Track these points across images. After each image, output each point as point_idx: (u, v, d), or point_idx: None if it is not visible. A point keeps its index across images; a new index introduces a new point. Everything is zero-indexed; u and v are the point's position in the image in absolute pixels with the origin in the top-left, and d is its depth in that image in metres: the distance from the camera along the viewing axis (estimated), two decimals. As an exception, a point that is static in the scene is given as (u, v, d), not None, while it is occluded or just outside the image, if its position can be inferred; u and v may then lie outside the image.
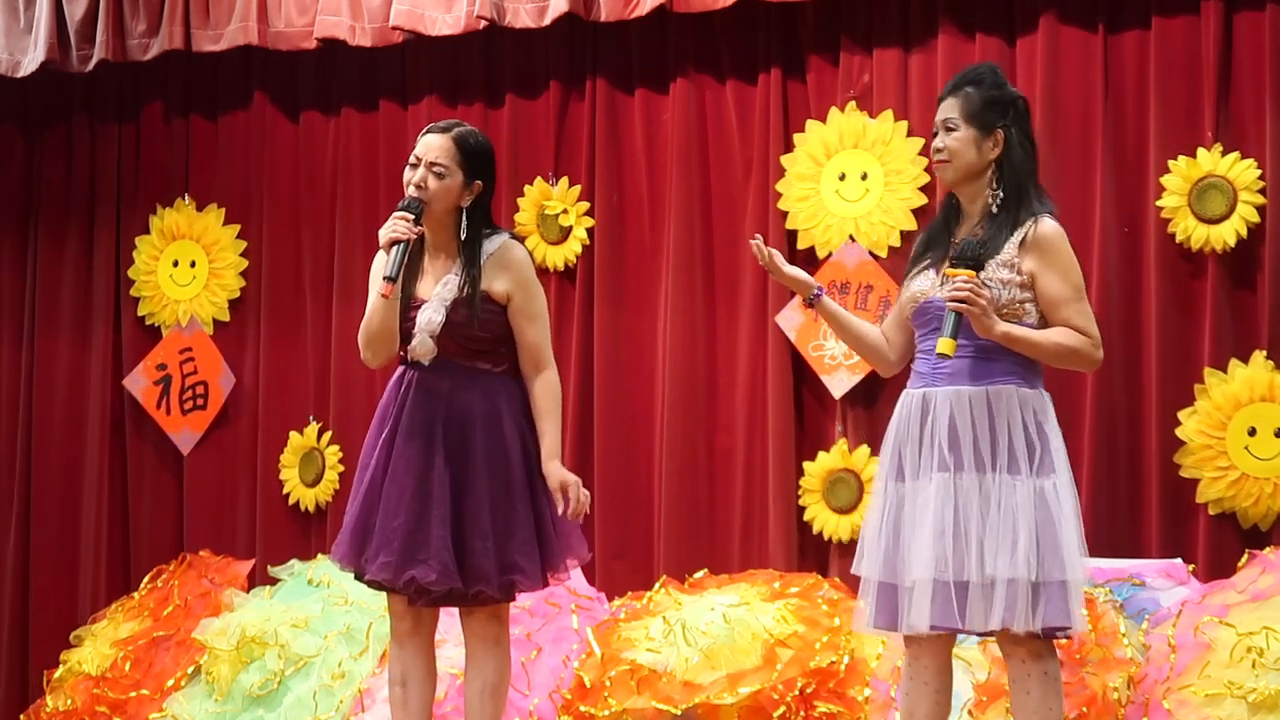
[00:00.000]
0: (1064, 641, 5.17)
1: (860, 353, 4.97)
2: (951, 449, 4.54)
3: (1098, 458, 6.27)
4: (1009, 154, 4.62)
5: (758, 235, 4.99)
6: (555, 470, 4.92)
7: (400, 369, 5.01)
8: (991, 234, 4.57)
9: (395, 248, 4.81)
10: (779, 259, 4.84)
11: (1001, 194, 4.61)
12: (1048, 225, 4.58)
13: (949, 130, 4.63)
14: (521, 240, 5.11)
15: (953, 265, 4.49)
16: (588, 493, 4.95)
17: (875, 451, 6.60)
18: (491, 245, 4.97)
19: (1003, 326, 4.48)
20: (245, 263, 7.70)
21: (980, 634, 4.69)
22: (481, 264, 4.93)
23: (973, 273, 4.45)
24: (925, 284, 4.65)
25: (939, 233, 4.72)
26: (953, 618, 4.49)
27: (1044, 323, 4.58)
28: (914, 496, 4.58)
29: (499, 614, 5.02)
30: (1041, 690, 4.55)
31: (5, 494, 7.92)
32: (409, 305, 4.93)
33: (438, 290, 4.93)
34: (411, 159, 4.95)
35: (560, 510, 4.91)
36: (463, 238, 4.95)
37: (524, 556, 4.91)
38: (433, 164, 4.91)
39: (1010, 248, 4.56)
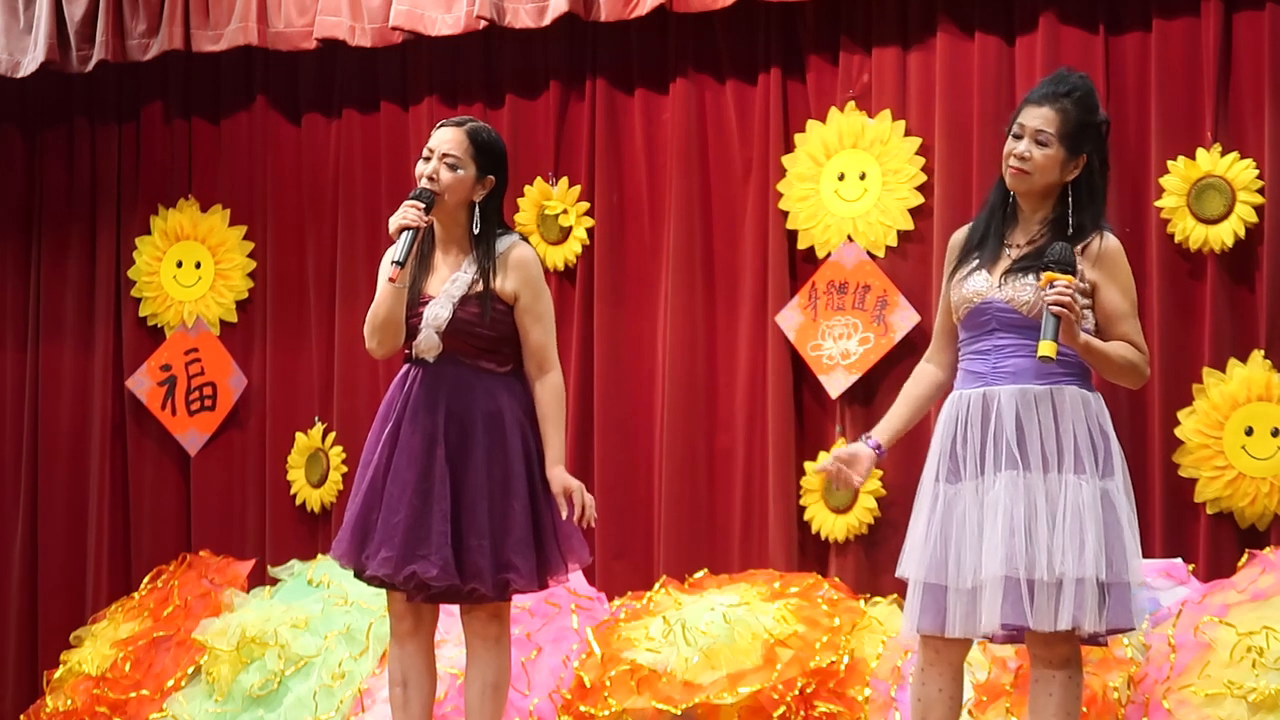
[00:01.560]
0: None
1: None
2: (1019, 447, 4.51)
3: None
4: (1086, 178, 4.60)
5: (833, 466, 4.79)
6: (559, 475, 4.93)
7: (405, 366, 5.02)
8: (1057, 240, 4.53)
9: (404, 234, 4.82)
10: (846, 474, 4.74)
11: (1074, 214, 4.57)
12: (1112, 240, 4.59)
13: (1040, 144, 4.56)
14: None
15: (1050, 269, 4.42)
16: (592, 498, 4.95)
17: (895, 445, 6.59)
18: (502, 245, 4.98)
19: (1085, 337, 4.47)
20: (253, 264, 7.70)
21: (1002, 637, 4.64)
22: (490, 263, 4.94)
23: (1071, 278, 4.42)
24: (980, 284, 4.61)
25: (988, 232, 4.67)
26: (1023, 616, 4.46)
27: (1099, 333, 4.56)
28: (973, 495, 4.55)
29: (500, 614, 5.02)
30: (1063, 694, 4.54)
31: (11, 495, 7.92)
32: (417, 300, 4.93)
33: (446, 287, 4.94)
34: (424, 152, 4.96)
35: (565, 515, 4.91)
36: (476, 232, 4.95)
37: (519, 556, 4.90)
38: (446, 155, 4.92)
39: (1075, 257, 4.53)
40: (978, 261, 4.65)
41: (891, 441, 4.77)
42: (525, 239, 5.09)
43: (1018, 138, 4.60)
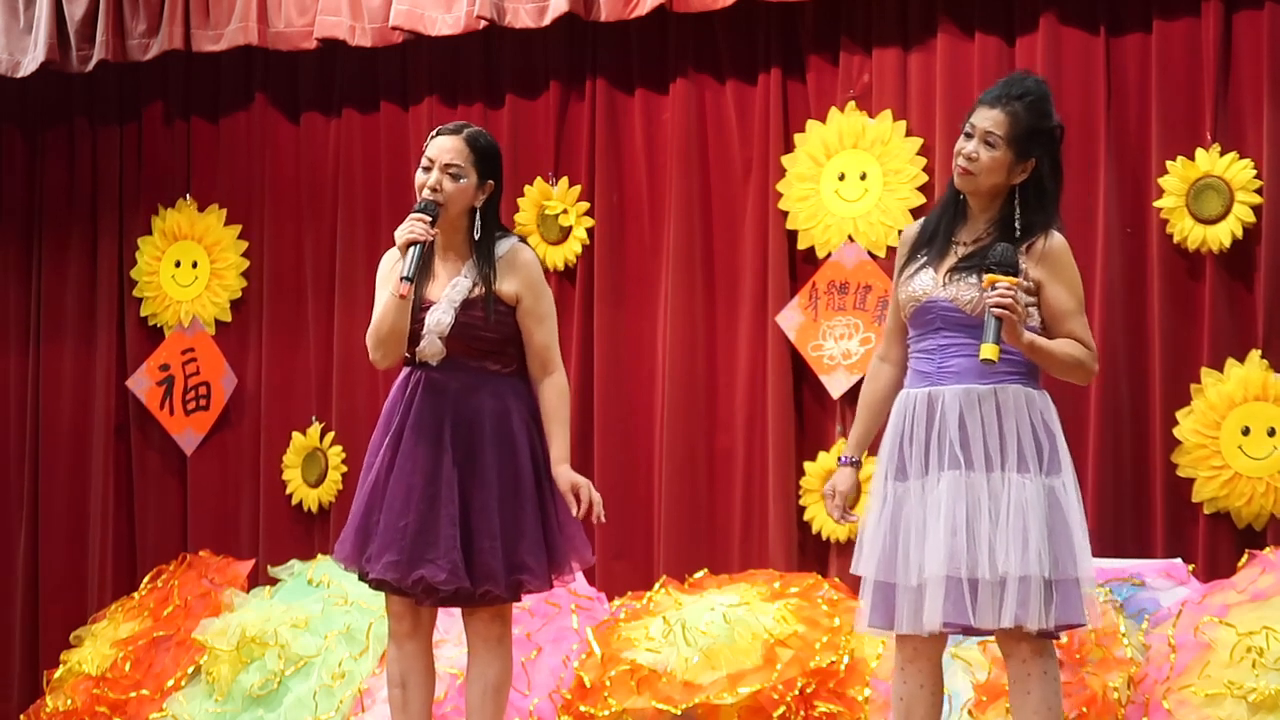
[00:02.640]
0: (1063, 641, 5.17)
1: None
2: (963, 447, 4.52)
3: (1102, 458, 6.27)
4: (1034, 182, 4.60)
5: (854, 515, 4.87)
6: (565, 473, 4.93)
7: (406, 370, 5.02)
8: (1003, 240, 4.54)
9: (412, 249, 4.81)
10: (842, 508, 4.80)
11: (1020, 216, 4.58)
12: (1057, 239, 4.59)
13: (988, 145, 4.57)
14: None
15: (991, 271, 4.43)
16: (600, 495, 4.95)
17: (872, 451, 6.60)
18: (502, 248, 4.97)
19: (1029, 336, 4.47)
20: (247, 263, 7.70)
21: (980, 634, 4.69)
22: (491, 266, 4.94)
23: (1014, 280, 4.43)
24: (926, 283, 4.62)
25: (937, 230, 4.68)
26: (965, 615, 4.48)
27: (1045, 331, 4.57)
28: (918, 495, 4.57)
29: (502, 614, 5.02)
30: (1041, 689, 4.55)
31: (14, 496, 7.93)
32: (418, 306, 4.92)
33: (447, 291, 4.93)
34: (424, 162, 4.93)
35: (575, 513, 4.91)
36: (477, 237, 4.95)
37: (532, 557, 4.90)
38: (448, 165, 4.90)
39: (1019, 256, 4.53)
40: (925, 259, 4.65)
41: (864, 449, 4.80)
42: (524, 240, 5.09)
43: (968, 136, 4.60)
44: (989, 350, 4.40)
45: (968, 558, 4.47)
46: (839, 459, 4.88)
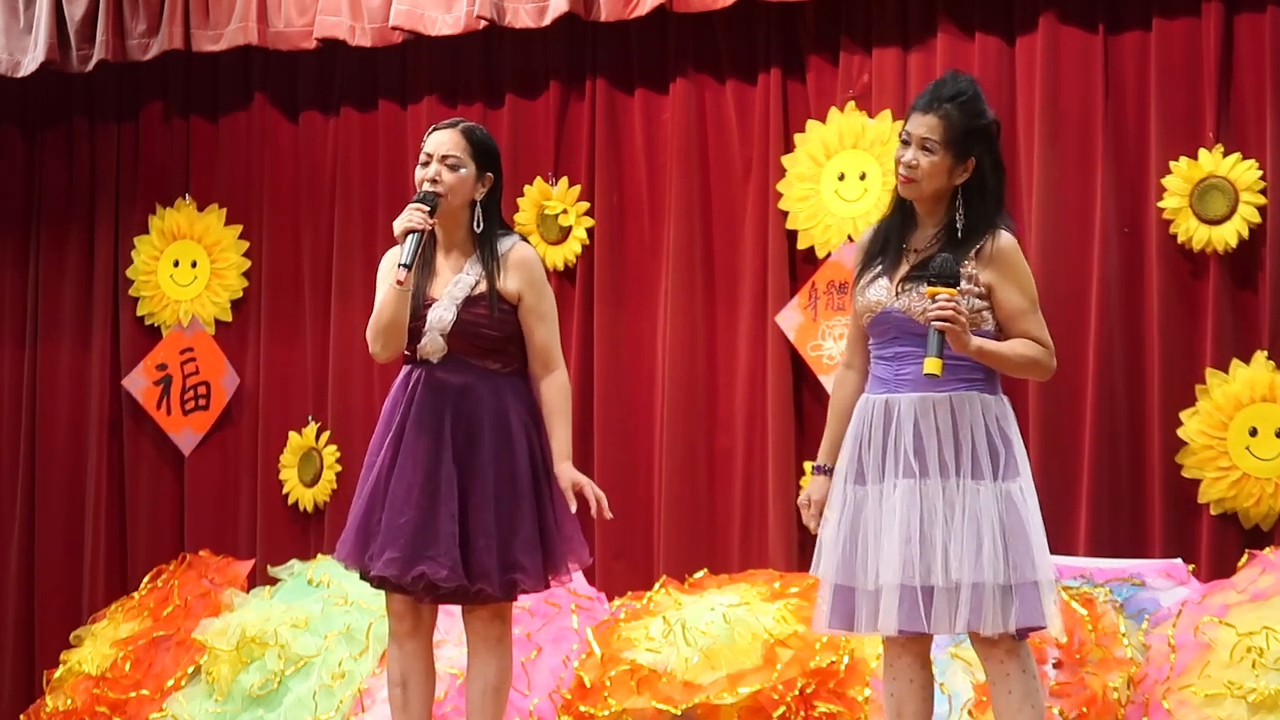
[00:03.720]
0: (1063, 641, 5.17)
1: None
2: (917, 455, 4.53)
3: (1100, 458, 6.27)
4: (976, 181, 4.59)
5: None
6: (566, 471, 4.93)
7: (407, 367, 5.02)
8: (950, 247, 4.54)
9: (410, 237, 4.82)
10: (814, 520, 4.80)
11: (963, 218, 4.58)
12: (1005, 239, 4.58)
13: (925, 150, 4.56)
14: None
15: (932, 283, 4.44)
16: (602, 492, 4.95)
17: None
18: (504, 245, 4.98)
19: (976, 342, 4.47)
20: (248, 263, 7.69)
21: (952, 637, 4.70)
22: (493, 264, 4.94)
23: (954, 291, 4.43)
24: (880, 293, 4.62)
25: (890, 238, 4.67)
26: (919, 622, 4.50)
27: (1000, 332, 4.57)
28: (875, 501, 4.58)
29: (502, 614, 5.02)
30: (1022, 688, 4.55)
31: (9, 494, 7.92)
32: (420, 303, 4.93)
33: (449, 289, 4.93)
34: (421, 157, 4.95)
35: (574, 509, 4.91)
36: (478, 230, 4.96)
37: (526, 556, 4.91)
38: (445, 157, 4.92)
39: (968, 261, 4.54)
40: (880, 268, 4.65)
41: (835, 456, 4.76)
42: (525, 239, 5.09)
43: (905, 144, 4.60)
44: (932, 365, 4.41)
45: (920, 565, 4.49)
46: (814, 468, 4.88)
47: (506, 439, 4.93)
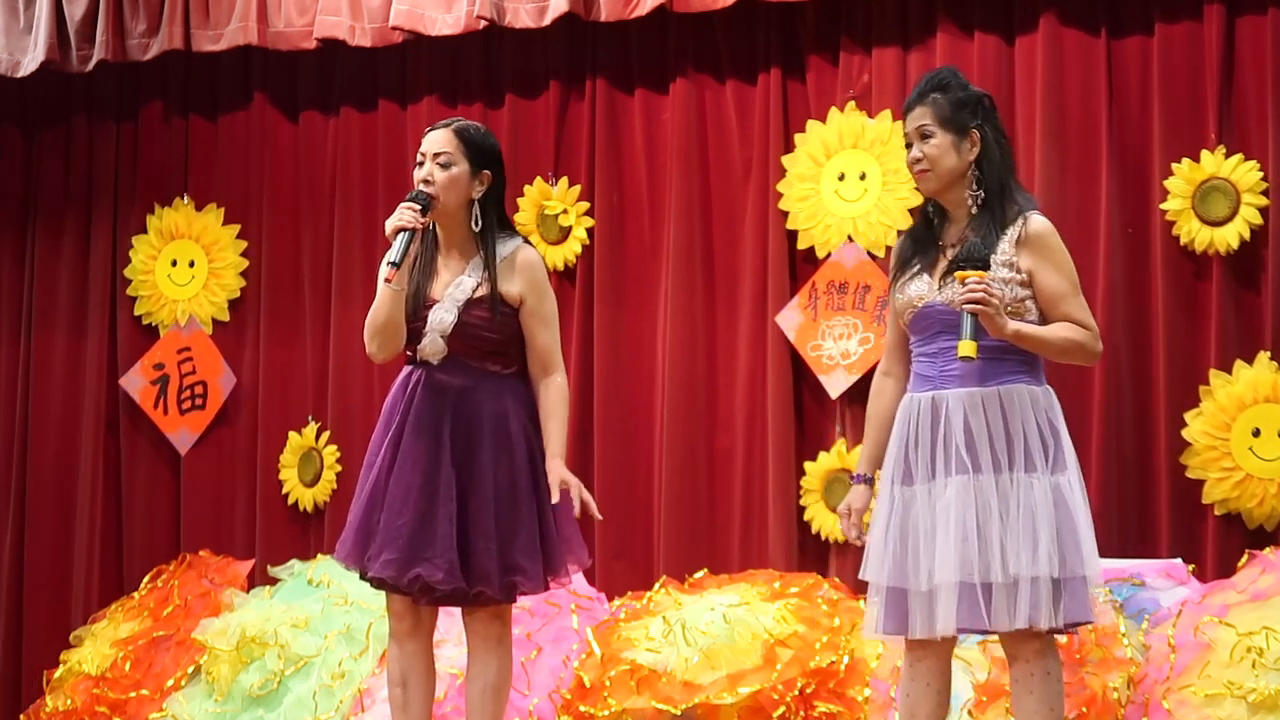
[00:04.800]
0: (1062, 641, 5.17)
1: None
2: (969, 451, 4.52)
3: (1106, 459, 6.27)
4: (986, 152, 4.60)
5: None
6: (557, 468, 4.92)
7: (407, 368, 5.01)
8: (983, 234, 4.55)
9: (400, 235, 4.82)
10: (854, 529, 4.79)
11: (982, 193, 4.59)
12: (1040, 221, 4.58)
13: (925, 138, 4.59)
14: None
15: (961, 267, 4.45)
16: (590, 495, 4.95)
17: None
18: (506, 249, 4.97)
19: (1014, 325, 4.46)
20: (245, 263, 7.69)
21: (982, 633, 4.69)
22: (496, 266, 4.94)
23: (983, 273, 4.43)
24: (922, 288, 4.63)
25: (924, 236, 4.69)
26: (980, 619, 4.47)
27: (1043, 318, 4.57)
28: (925, 500, 4.57)
29: (502, 614, 5.02)
30: (1044, 690, 4.55)
31: (2, 493, 7.91)
32: (421, 304, 4.93)
33: (450, 291, 4.93)
34: (418, 158, 4.96)
35: (556, 500, 4.90)
36: (477, 228, 4.95)
37: (526, 558, 4.91)
38: (437, 155, 4.92)
39: (1005, 246, 4.54)
40: (919, 266, 4.66)
41: (875, 465, 4.77)
42: (529, 242, 5.08)
43: (909, 146, 4.63)
44: (967, 347, 4.40)
45: (979, 562, 4.47)
46: (851, 477, 4.87)
47: (506, 441, 4.92)
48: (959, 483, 4.52)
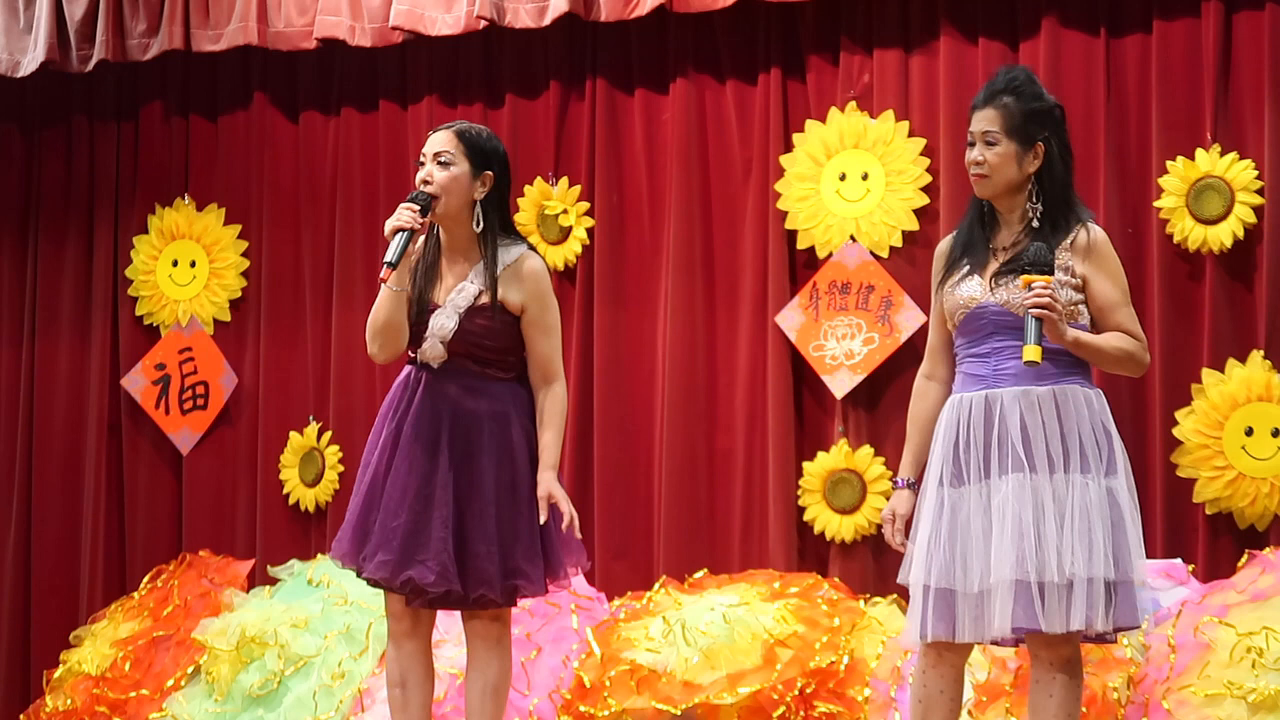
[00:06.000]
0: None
1: None
2: (1026, 449, 4.50)
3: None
4: (1049, 166, 4.59)
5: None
6: (547, 480, 4.90)
7: (408, 369, 5.01)
8: (1039, 239, 4.53)
9: (397, 236, 4.81)
10: (899, 535, 4.75)
11: (1041, 207, 4.57)
12: (1098, 232, 4.58)
13: (989, 144, 4.57)
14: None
15: (1026, 271, 4.42)
16: (575, 513, 4.92)
17: (878, 451, 6.61)
18: (509, 256, 4.95)
19: (1072, 333, 4.46)
20: (246, 263, 7.69)
21: (1013, 639, 4.63)
22: (498, 274, 4.92)
23: (1049, 279, 4.41)
24: (974, 290, 4.61)
25: (974, 237, 4.66)
26: (1035, 619, 4.44)
27: (1094, 327, 4.57)
28: (977, 499, 4.54)
29: (501, 615, 5.01)
30: (1063, 694, 4.53)
31: (5, 493, 7.91)
32: (425, 308, 4.92)
33: (452, 297, 4.91)
34: (420, 159, 4.96)
35: (544, 519, 4.89)
36: (478, 230, 4.94)
37: (528, 561, 4.90)
38: (438, 155, 4.92)
39: (1062, 253, 4.54)
40: (968, 268, 4.64)
41: (920, 469, 4.73)
42: (533, 248, 5.05)
43: (971, 145, 4.61)
44: (1032, 352, 4.39)
45: (1036, 561, 4.44)
46: (894, 482, 4.83)
47: (507, 445, 4.92)
48: (1015, 480, 4.50)
